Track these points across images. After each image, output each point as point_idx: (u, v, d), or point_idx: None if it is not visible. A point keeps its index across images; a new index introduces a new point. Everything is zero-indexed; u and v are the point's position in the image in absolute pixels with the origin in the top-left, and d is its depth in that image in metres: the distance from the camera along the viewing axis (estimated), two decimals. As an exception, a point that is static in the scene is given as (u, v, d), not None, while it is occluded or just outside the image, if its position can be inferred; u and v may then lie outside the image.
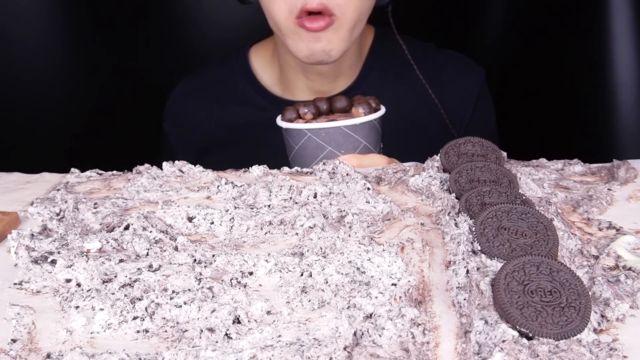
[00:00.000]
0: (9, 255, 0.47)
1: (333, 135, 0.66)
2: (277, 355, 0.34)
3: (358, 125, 0.66)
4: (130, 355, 0.35)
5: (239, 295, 0.40)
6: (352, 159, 0.65)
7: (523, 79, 1.10)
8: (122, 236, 0.47)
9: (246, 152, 0.91)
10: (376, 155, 0.66)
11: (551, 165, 0.59)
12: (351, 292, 0.40)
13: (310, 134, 0.66)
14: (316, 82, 0.88)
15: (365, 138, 0.67)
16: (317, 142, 0.66)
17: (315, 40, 0.77)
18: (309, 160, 0.68)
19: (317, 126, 0.66)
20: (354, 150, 0.67)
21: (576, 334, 0.34)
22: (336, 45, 0.79)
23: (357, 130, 0.66)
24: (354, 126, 0.66)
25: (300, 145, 0.67)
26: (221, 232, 0.50)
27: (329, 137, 0.66)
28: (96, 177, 0.60)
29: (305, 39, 0.78)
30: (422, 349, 0.35)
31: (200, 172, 0.59)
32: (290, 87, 0.91)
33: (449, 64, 0.92)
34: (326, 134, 0.66)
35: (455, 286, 0.40)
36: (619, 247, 0.44)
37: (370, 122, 0.67)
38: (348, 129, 0.66)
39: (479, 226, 0.43)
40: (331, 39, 0.78)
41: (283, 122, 0.69)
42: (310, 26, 0.75)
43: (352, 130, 0.66)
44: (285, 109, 0.70)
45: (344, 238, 0.46)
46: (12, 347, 0.37)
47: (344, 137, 0.66)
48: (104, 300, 0.39)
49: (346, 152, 0.66)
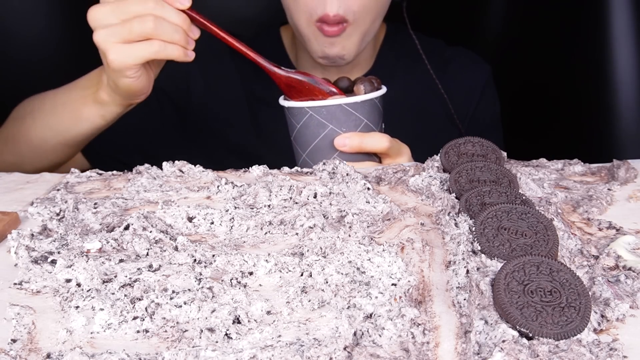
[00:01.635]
0: (9, 255, 0.47)
1: (334, 112, 0.66)
2: (277, 355, 0.34)
3: (359, 103, 0.66)
4: (130, 355, 0.35)
5: (239, 295, 0.40)
6: (354, 137, 0.66)
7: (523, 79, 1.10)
8: (122, 236, 0.47)
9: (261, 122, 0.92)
10: (378, 134, 0.67)
11: (551, 165, 0.59)
12: (351, 292, 0.40)
13: (312, 112, 0.66)
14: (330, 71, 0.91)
15: (367, 116, 0.67)
16: (319, 120, 0.66)
17: (330, 45, 0.80)
18: (310, 139, 0.68)
19: (318, 104, 0.66)
20: (355, 128, 0.67)
21: (576, 334, 0.34)
22: (349, 50, 0.82)
23: (358, 108, 0.66)
24: (355, 104, 0.66)
25: (302, 123, 0.68)
26: (221, 232, 0.50)
27: (330, 115, 0.66)
28: (96, 177, 0.60)
29: (321, 43, 0.81)
30: (422, 349, 0.35)
31: (200, 172, 0.59)
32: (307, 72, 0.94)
33: (455, 58, 0.95)
34: (327, 111, 0.66)
35: (455, 286, 0.40)
36: (619, 247, 0.44)
37: (371, 100, 0.67)
38: (349, 107, 0.66)
39: (479, 226, 0.43)
40: (345, 45, 0.81)
41: (285, 101, 0.69)
42: (328, 30, 0.78)
43: (353, 108, 0.66)
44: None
45: (344, 238, 0.46)
46: (12, 347, 0.37)
47: (346, 115, 0.66)
48: (104, 300, 0.39)
49: (347, 130, 0.67)
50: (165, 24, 0.63)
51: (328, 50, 0.81)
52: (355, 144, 0.66)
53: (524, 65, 1.10)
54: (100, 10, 0.64)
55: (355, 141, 0.66)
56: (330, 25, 0.78)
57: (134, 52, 0.64)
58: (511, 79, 1.10)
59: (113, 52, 0.64)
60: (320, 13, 0.77)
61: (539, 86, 1.06)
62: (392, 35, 0.96)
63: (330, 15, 0.77)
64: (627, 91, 0.89)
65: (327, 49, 0.81)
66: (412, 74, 0.94)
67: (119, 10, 0.63)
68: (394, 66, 0.94)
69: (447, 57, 0.95)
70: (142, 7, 0.63)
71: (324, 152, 0.68)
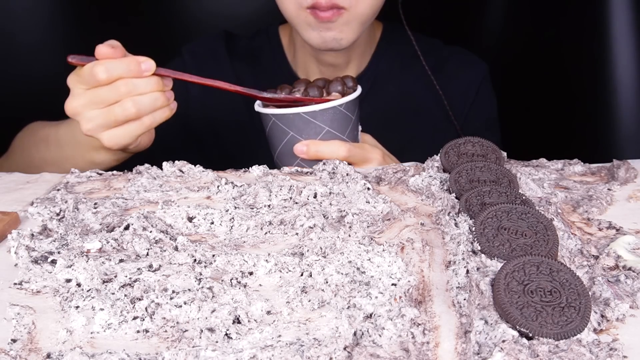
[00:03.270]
0: (9, 255, 0.47)
1: (293, 120, 0.66)
2: (277, 355, 0.34)
3: (318, 112, 0.66)
4: (130, 355, 0.35)
5: (239, 295, 0.40)
6: (311, 145, 0.66)
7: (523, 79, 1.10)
8: (122, 236, 0.47)
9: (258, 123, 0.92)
10: (336, 142, 0.66)
11: (551, 165, 0.59)
12: (351, 292, 0.40)
13: (275, 119, 0.67)
14: (327, 69, 0.91)
15: (328, 124, 0.67)
16: (281, 126, 0.67)
17: (326, 29, 0.80)
18: (275, 143, 0.69)
19: (279, 112, 0.67)
20: (315, 135, 0.67)
21: (576, 334, 0.34)
22: (347, 34, 0.81)
23: (317, 116, 0.66)
24: (314, 112, 0.66)
25: (268, 128, 0.69)
26: (221, 232, 0.50)
27: (290, 123, 0.66)
28: (96, 177, 0.60)
29: (316, 28, 0.80)
30: (422, 349, 0.35)
31: (200, 172, 0.59)
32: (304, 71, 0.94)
33: (452, 57, 0.95)
34: (287, 119, 0.66)
35: (455, 286, 0.40)
36: (619, 247, 0.44)
37: (332, 109, 0.66)
38: (307, 115, 0.66)
39: (479, 226, 0.43)
40: (342, 29, 0.80)
41: (257, 106, 0.70)
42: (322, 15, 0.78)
43: (312, 116, 0.66)
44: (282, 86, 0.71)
45: (344, 238, 0.46)
46: (12, 347, 0.37)
47: (304, 123, 0.66)
48: (104, 300, 0.39)
49: (307, 137, 0.67)
50: (143, 99, 0.64)
51: (325, 34, 0.80)
52: (312, 152, 0.66)
53: (523, 65, 1.10)
54: (76, 102, 0.64)
55: (312, 149, 0.66)
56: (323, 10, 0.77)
57: (127, 132, 0.65)
58: (511, 79, 1.11)
59: (106, 138, 0.65)
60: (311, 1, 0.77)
61: (539, 86, 1.06)
62: (388, 33, 0.96)
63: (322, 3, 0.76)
64: (627, 91, 0.89)
65: (324, 32, 0.80)
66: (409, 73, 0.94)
67: (94, 101, 0.63)
68: (391, 65, 0.94)
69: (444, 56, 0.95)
70: (115, 93, 0.63)
71: (287, 157, 0.68)
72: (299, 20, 0.80)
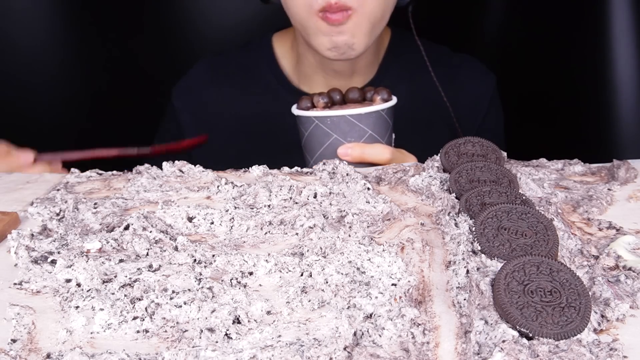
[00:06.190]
0: (9, 255, 0.47)
1: (338, 123, 0.68)
2: (277, 355, 0.34)
3: (363, 115, 0.68)
4: (130, 355, 0.35)
5: (239, 295, 0.40)
6: (356, 147, 0.67)
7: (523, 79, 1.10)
8: (122, 236, 0.47)
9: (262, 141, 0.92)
10: (380, 145, 0.68)
11: (551, 165, 0.59)
12: (351, 292, 0.40)
13: (318, 122, 0.69)
14: (333, 79, 0.90)
15: (371, 127, 0.68)
16: (324, 129, 0.68)
17: (337, 33, 0.78)
18: (316, 147, 0.70)
19: (323, 114, 0.68)
20: (359, 139, 0.68)
21: (576, 334, 0.34)
22: (359, 38, 0.79)
23: (362, 119, 0.68)
24: (359, 115, 0.68)
25: (309, 132, 0.70)
26: (221, 232, 0.50)
27: (334, 125, 0.68)
28: (96, 177, 0.60)
29: (327, 33, 0.78)
30: (422, 349, 0.35)
31: (200, 172, 0.59)
32: (307, 81, 0.93)
33: (462, 68, 0.94)
34: (332, 121, 0.68)
35: (455, 286, 0.40)
36: (619, 247, 0.44)
37: (376, 113, 0.68)
38: (353, 118, 0.68)
39: (479, 226, 0.43)
40: (354, 32, 0.78)
41: (296, 109, 0.71)
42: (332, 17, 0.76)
43: (357, 119, 0.68)
44: (301, 98, 0.72)
45: (344, 238, 0.46)
46: (12, 347, 0.37)
47: (349, 126, 0.68)
48: (104, 300, 0.39)
49: (351, 140, 0.68)
50: None
51: (336, 39, 0.78)
52: (356, 154, 0.67)
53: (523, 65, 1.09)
54: None
55: (356, 151, 0.67)
56: (333, 12, 0.76)
57: None
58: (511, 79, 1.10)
59: None
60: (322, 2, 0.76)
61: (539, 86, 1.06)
62: (396, 41, 0.94)
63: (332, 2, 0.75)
64: (627, 91, 0.89)
65: (335, 37, 0.78)
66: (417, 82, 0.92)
67: None
68: (399, 74, 0.92)
69: (454, 66, 0.93)
70: None
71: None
72: (310, 25, 0.79)
